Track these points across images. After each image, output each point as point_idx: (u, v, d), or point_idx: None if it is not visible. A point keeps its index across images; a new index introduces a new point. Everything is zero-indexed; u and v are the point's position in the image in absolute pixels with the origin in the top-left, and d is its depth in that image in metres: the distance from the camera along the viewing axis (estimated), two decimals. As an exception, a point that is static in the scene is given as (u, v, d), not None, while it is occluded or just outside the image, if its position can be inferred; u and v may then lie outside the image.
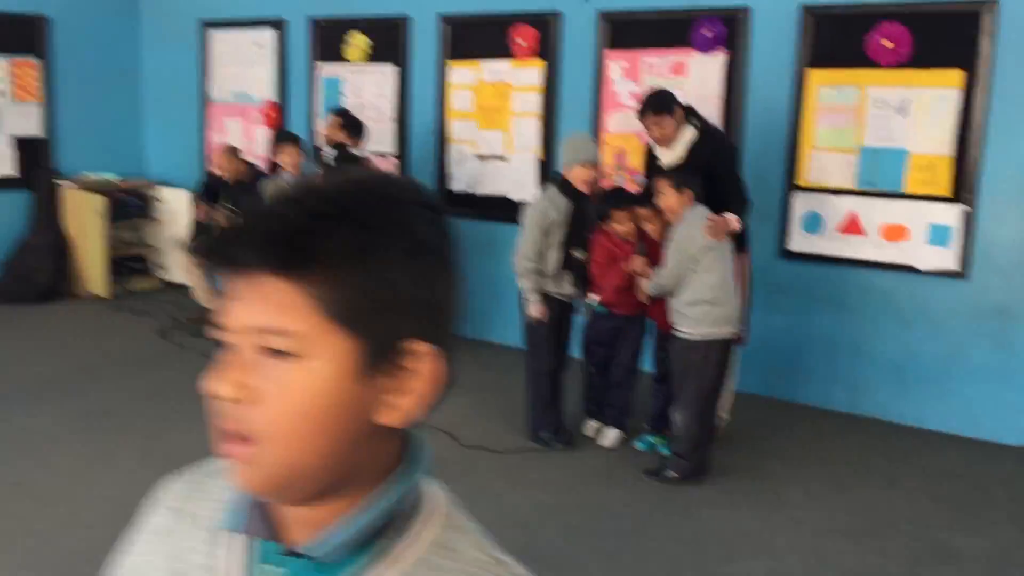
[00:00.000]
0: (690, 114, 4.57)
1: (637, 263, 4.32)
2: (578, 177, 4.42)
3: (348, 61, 7.04)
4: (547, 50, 6.08)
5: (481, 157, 6.48)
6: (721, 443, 4.50)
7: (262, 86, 7.61)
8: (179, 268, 6.93)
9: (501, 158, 6.39)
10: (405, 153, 6.86)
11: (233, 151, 6.79)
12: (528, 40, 6.15)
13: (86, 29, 8.01)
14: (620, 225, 4.42)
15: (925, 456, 4.68)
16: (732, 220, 4.22)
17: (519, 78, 6.24)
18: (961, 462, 4.62)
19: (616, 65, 5.82)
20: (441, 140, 6.65)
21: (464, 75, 6.50)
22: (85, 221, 7.61)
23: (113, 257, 7.78)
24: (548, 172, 6.15)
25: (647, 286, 4.27)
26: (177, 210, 7.77)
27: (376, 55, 6.91)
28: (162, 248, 8.02)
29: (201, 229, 6.97)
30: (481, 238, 6.56)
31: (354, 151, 5.73)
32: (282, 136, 5.87)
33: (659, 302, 4.34)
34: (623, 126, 5.83)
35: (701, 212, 4.11)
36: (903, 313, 5.01)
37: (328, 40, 7.12)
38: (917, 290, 4.96)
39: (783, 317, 5.28)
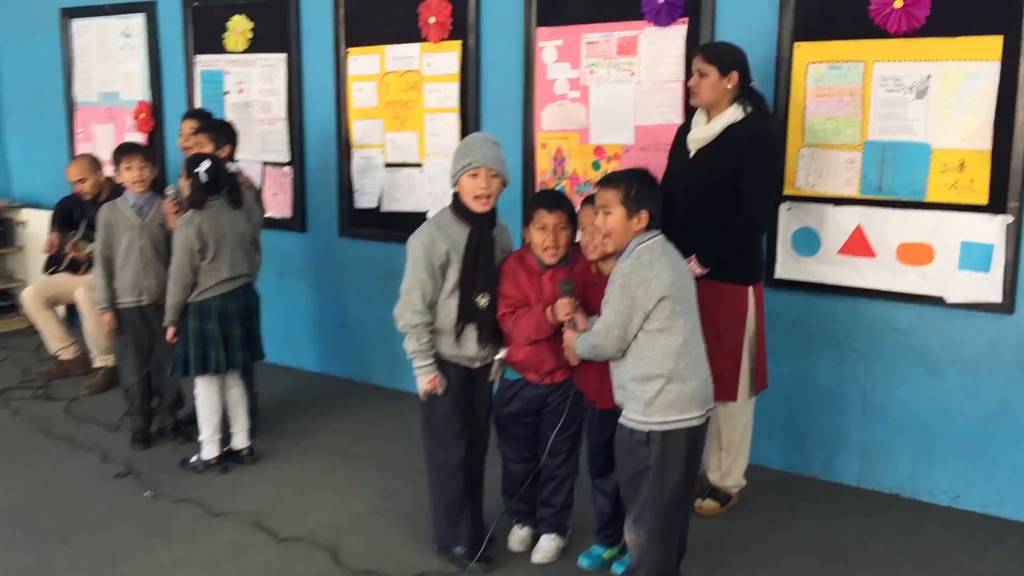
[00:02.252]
0: (750, 97, 3.56)
1: (564, 306, 3.08)
2: (467, 191, 3.19)
3: (229, 51, 5.75)
4: (464, 29, 4.83)
5: (390, 165, 5.22)
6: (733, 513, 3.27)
7: (134, 84, 6.30)
8: (28, 309, 5.62)
9: (415, 166, 5.13)
10: (300, 161, 5.58)
11: (92, 162, 5.51)
12: (441, 17, 4.89)
13: (-77, 22, 6.68)
14: (540, 235, 3.18)
15: (964, 547, 3.48)
16: (694, 268, 3.36)
17: (432, 66, 4.99)
18: (1013, 554, 3.43)
19: (550, 45, 4.57)
20: (342, 145, 5.38)
21: (366, 64, 5.23)
22: (-78, 254, 6.30)
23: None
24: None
25: (576, 344, 3.02)
26: (42, 234, 6.44)
27: (261, 43, 5.62)
28: (28, 279, 6.71)
29: (52, 263, 5.68)
30: (393, 265, 5.30)
31: (227, 162, 4.44)
32: (122, 149, 4.60)
33: (593, 367, 3.11)
34: (562, 122, 4.59)
35: (660, 247, 2.88)
36: (929, 358, 3.81)
37: (206, 26, 5.83)
38: (946, 328, 3.76)
39: (771, 364, 4.06)
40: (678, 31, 4.19)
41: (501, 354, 3.31)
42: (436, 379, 3.23)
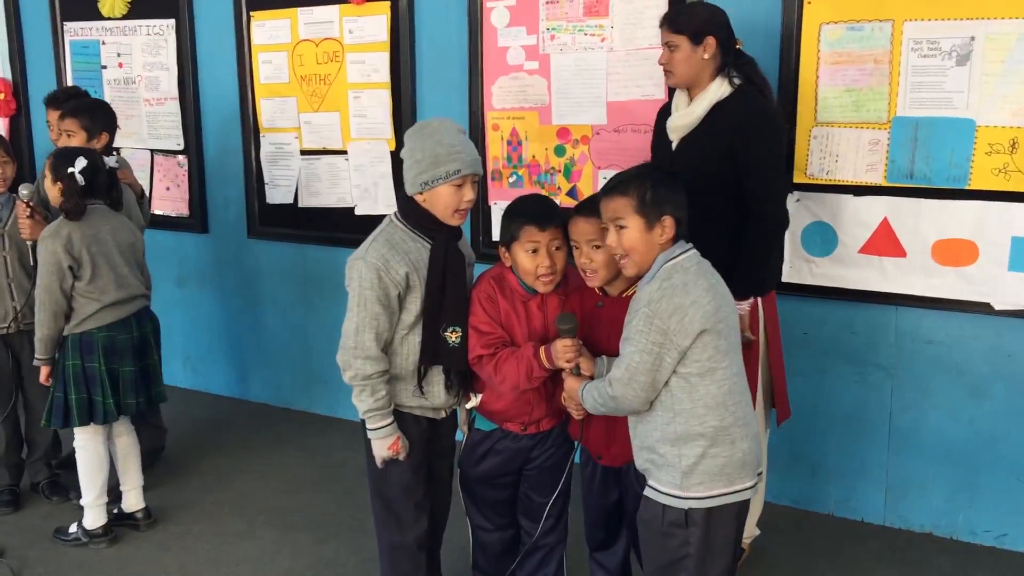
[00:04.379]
0: (737, 65, 2.86)
1: (565, 350, 2.34)
2: (444, 204, 2.43)
3: (106, 18, 4.80)
4: (394, -13, 4.02)
5: (307, 153, 4.38)
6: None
7: (-10, 59, 5.27)
8: None
9: (338, 152, 4.31)
10: (197, 149, 4.68)
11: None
12: (364, -27, 4.07)
13: None
14: (532, 259, 2.44)
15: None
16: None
17: (355, 32, 4.16)
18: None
19: (500, 6, 3.81)
20: (248, 129, 4.51)
21: (274, 31, 4.36)
22: None
23: None
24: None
25: (583, 395, 2.30)
26: None
27: (144, 6, 4.69)
28: None
29: None
30: (313, 270, 4.50)
31: (104, 156, 3.54)
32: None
33: (600, 421, 2.40)
34: (517, 98, 3.83)
35: (694, 264, 2.17)
36: (970, 376, 3.22)
37: (76, -13, 4.86)
38: (992, 340, 3.17)
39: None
40: (659, -13, 3.48)
41: (473, 402, 2.56)
42: (398, 442, 2.46)
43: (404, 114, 4.06)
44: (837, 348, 3.40)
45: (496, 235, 3.77)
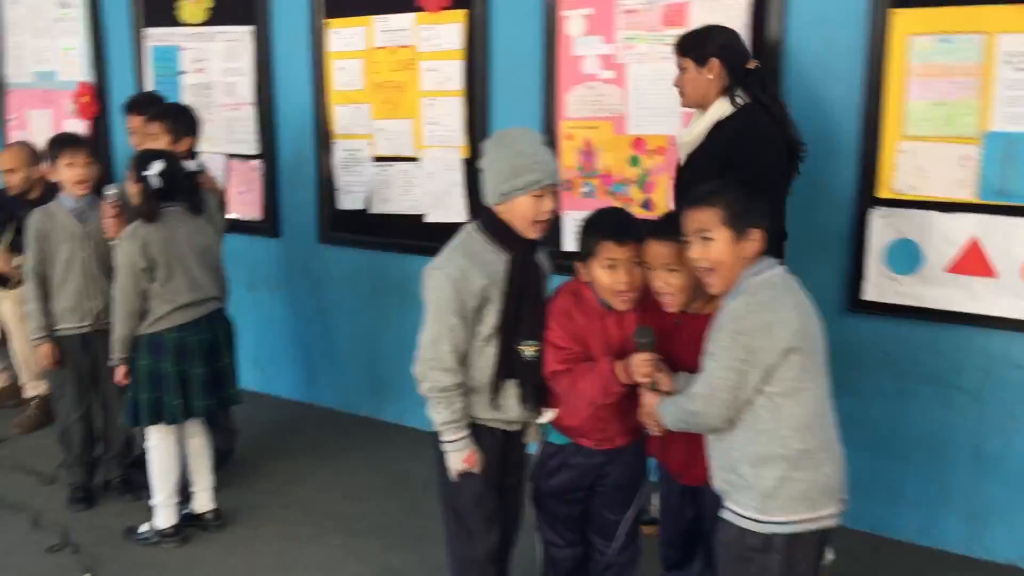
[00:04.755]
0: (746, 85, 2.91)
1: (642, 364, 2.30)
2: (524, 214, 2.40)
3: (185, 24, 4.89)
4: (470, -5, 4.02)
5: (380, 159, 4.40)
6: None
7: (73, 63, 5.40)
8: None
9: (410, 160, 4.32)
10: (271, 154, 4.74)
11: (31, 153, 4.63)
12: (441, -19, 4.08)
13: None
14: (610, 276, 2.39)
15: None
16: None
17: (431, 39, 4.17)
18: None
19: (576, 14, 3.78)
20: (322, 135, 4.54)
21: (349, 38, 4.39)
22: None
23: None
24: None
25: (661, 411, 2.25)
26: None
27: (223, 13, 4.76)
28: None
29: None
30: (382, 277, 4.51)
31: (186, 160, 3.60)
32: (62, 140, 3.73)
33: (680, 438, 2.34)
34: (592, 107, 3.80)
35: (782, 280, 2.11)
36: (1061, 402, 3.09)
37: (158, -6, 4.96)
38: (1086, 366, 3.04)
39: (856, 405, 3.32)
40: (740, -3, 3.41)
41: (547, 416, 2.53)
42: (473, 455, 2.44)
43: (477, 122, 4.05)
44: (919, 369, 3.29)
45: (568, 245, 3.77)
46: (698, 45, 2.94)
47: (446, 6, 4.07)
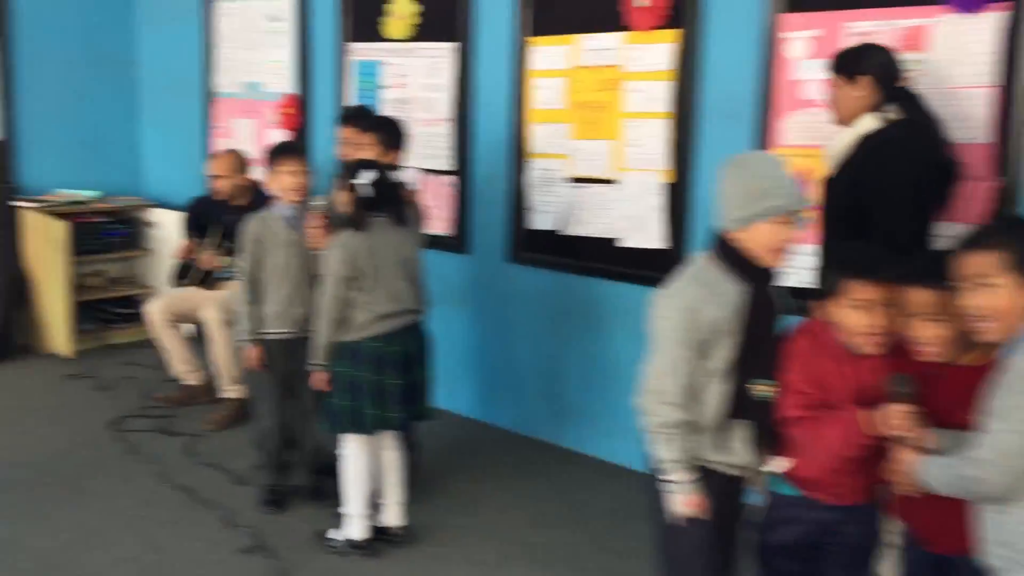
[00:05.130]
0: (900, 102, 2.91)
1: (899, 415, 2.10)
2: (765, 242, 2.24)
3: (389, 39, 4.97)
4: (683, 15, 3.89)
5: (577, 180, 4.32)
6: None
7: (279, 75, 5.59)
8: (153, 326, 4.96)
9: (606, 182, 4.22)
10: (465, 170, 4.74)
11: (239, 161, 4.84)
12: (653, 0, 3.97)
13: (59, 3, 6.15)
14: (858, 317, 2.20)
15: None
16: None
17: (637, 60, 4.06)
18: None
19: (800, 37, 3.59)
20: (517, 153, 4.51)
21: (552, 57, 4.35)
22: (45, 254, 5.74)
23: (87, 300, 5.93)
24: (682, 205, 3.96)
25: (925, 470, 2.04)
26: (173, 237, 5.82)
27: (427, 29, 4.81)
28: (157, 287, 6.10)
29: (184, 271, 5.00)
30: (569, 300, 4.42)
31: (392, 173, 3.62)
32: (282, 149, 3.82)
33: (934, 500, 2.12)
34: (810, 135, 3.59)
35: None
36: None
37: (365, 9, 5.06)
38: None
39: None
40: (989, 20, 3.15)
41: (779, 465, 2.35)
42: (699, 500, 2.29)
43: (683, 146, 3.92)
44: None
45: (785, 278, 3.56)
46: (849, 62, 2.99)
47: (657, 25, 3.97)
